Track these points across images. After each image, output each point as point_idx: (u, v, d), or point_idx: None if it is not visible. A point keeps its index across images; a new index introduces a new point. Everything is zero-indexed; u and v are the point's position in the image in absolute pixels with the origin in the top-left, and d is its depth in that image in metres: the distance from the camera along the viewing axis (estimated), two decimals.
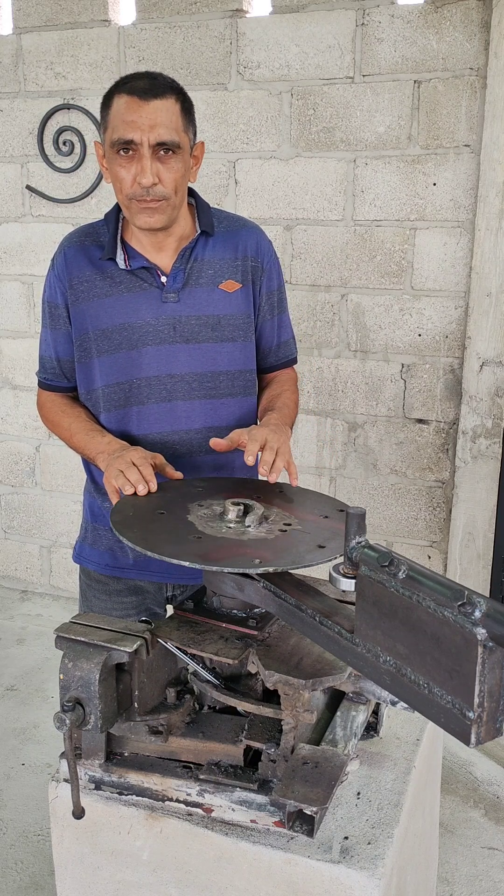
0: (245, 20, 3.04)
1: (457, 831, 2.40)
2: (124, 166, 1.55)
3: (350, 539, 1.03)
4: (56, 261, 1.73)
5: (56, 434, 1.80)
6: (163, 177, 1.55)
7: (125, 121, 1.52)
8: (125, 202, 1.60)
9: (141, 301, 1.66)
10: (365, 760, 1.31)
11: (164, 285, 1.66)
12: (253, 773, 1.20)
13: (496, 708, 0.84)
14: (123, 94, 1.54)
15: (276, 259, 1.79)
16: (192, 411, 1.71)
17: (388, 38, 2.85)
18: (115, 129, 1.54)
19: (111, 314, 1.67)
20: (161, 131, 1.52)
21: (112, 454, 1.54)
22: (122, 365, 1.68)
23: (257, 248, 1.73)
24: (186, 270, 1.67)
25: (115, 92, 1.57)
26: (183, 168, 1.58)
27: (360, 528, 1.03)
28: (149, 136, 1.52)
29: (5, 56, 3.41)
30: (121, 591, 1.81)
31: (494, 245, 2.79)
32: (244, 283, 1.71)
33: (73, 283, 1.69)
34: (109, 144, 1.57)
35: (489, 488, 2.95)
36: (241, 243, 1.72)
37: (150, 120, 1.52)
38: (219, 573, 1.24)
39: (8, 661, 3.34)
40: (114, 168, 1.58)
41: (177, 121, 1.55)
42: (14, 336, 3.68)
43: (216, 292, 1.68)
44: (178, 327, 1.67)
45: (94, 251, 1.69)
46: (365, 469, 3.20)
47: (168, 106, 1.54)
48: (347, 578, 1.04)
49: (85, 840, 1.26)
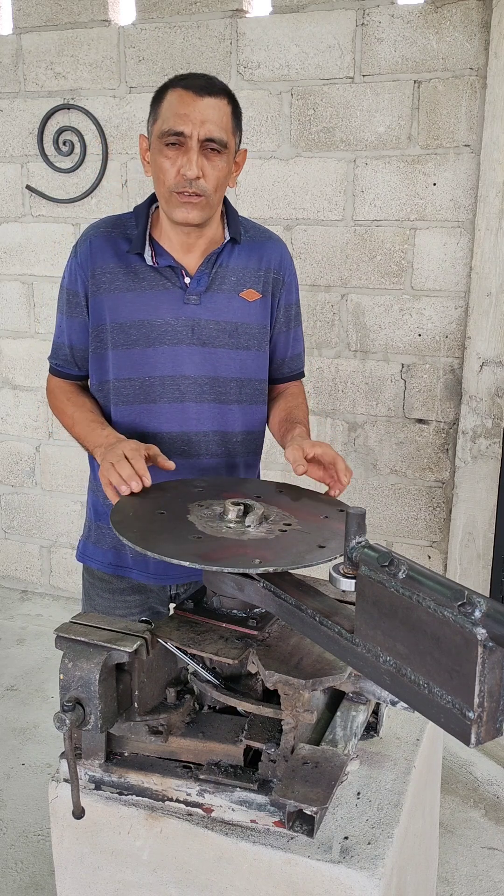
0: (245, 20, 3.04)
1: (457, 831, 2.40)
2: (170, 157, 1.56)
3: (350, 539, 1.03)
4: (80, 248, 1.72)
5: (60, 421, 1.80)
6: (207, 172, 1.56)
7: (177, 113, 1.54)
8: (165, 195, 1.60)
9: (162, 300, 1.67)
10: (365, 760, 1.31)
11: (188, 287, 1.67)
12: (253, 773, 1.20)
13: (496, 708, 0.83)
14: (179, 87, 1.56)
15: (295, 273, 1.82)
16: (202, 414, 1.71)
17: (388, 38, 2.85)
18: (166, 121, 1.55)
19: (131, 309, 1.67)
20: (211, 127, 1.54)
21: (108, 448, 1.55)
22: (135, 361, 1.68)
23: (280, 261, 1.76)
24: (211, 275, 1.68)
25: (169, 86, 1.58)
26: (227, 169, 1.60)
27: (361, 528, 1.03)
28: (199, 131, 1.54)
29: (5, 56, 3.41)
30: (124, 590, 1.81)
31: (494, 245, 2.79)
32: (264, 293, 1.73)
33: (96, 272, 1.68)
34: (158, 135, 1.57)
35: (489, 488, 2.95)
36: (266, 255, 1.74)
37: (202, 115, 1.54)
38: (219, 573, 1.24)
39: (8, 661, 3.34)
40: (158, 159, 1.58)
41: (227, 121, 1.58)
42: (14, 336, 3.68)
43: (236, 300, 1.70)
44: (196, 330, 1.67)
45: (121, 243, 1.69)
46: (365, 469, 3.20)
47: (220, 105, 1.56)
48: (347, 578, 1.04)
49: (85, 840, 1.26)
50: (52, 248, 3.50)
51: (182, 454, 1.71)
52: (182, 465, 1.70)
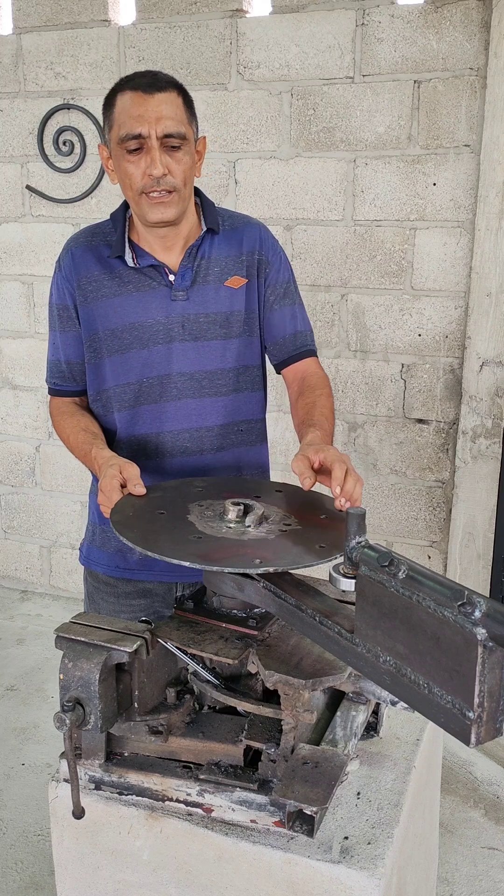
0: (245, 20, 3.04)
1: (457, 831, 2.40)
2: (133, 161, 1.56)
3: (350, 539, 1.03)
4: (63, 262, 1.72)
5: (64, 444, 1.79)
6: (172, 168, 1.56)
7: (131, 116, 1.53)
8: (135, 198, 1.60)
9: (150, 300, 1.66)
10: (365, 760, 1.31)
11: (173, 284, 1.67)
12: (253, 773, 1.20)
13: (496, 708, 0.84)
14: (127, 90, 1.55)
15: (280, 252, 1.78)
16: (203, 409, 1.71)
17: (388, 38, 2.85)
18: (122, 125, 1.55)
19: (120, 314, 1.67)
20: (168, 123, 1.54)
21: (99, 470, 1.53)
22: (132, 364, 1.68)
23: (260, 241, 1.74)
24: (194, 268, 1.67)
25: (117, 91, 1.57)
26: (190, 160, 1.59)
27: (360, 528, 1.03)
28: (156, 129, 1.53)
29: (5, 56, 3.41)
30: (129, 594, 1.80)
31: (494, 245, 2.79)
32: (249, 277, 1.71)
33: (82, 282, 1.68)
34: (117, 142, 1.57)
35: (489, 488, 2.95)
36: (246, 239, 1.72)
37: (157, 112, 1.53)
38: (219, 573, 1.24)
39: (8, 661, 3.34)
40: (122, 165, 1.58)
41: (181, 113, 1.57)
42: (14, 336, 3.68)
43: (223, 289, 1.69)
44: (187, 325, 1.67)
45: (103, 250, 1.69)
46: (365, 469, 3.20)
47: (172, 99, 1.55)
48: (347, 578, 1.05)
49: (85, 840, 1.26)
50: (53, 248, 3.50)
51: (186, 451, 1.71)
52: (188, 463, 1.70)
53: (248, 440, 1.79)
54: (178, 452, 1.71)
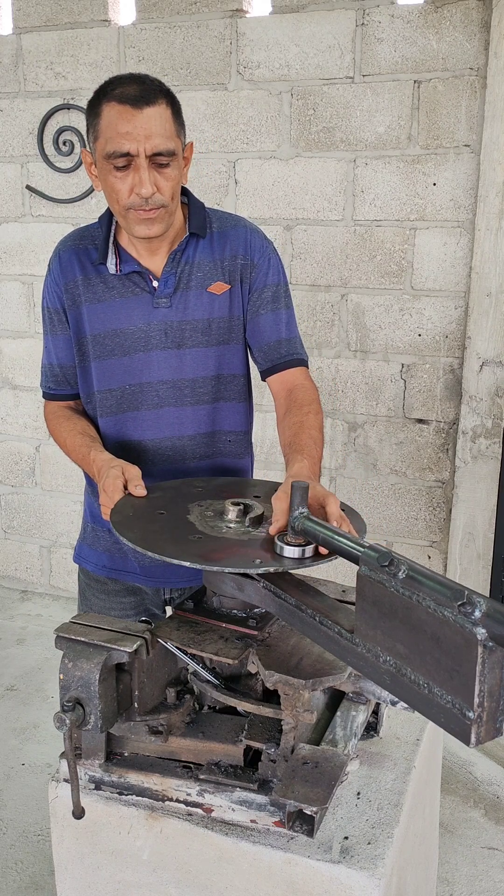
0: (245, 20, 3.04)
1: (457, 831, 2.40)
2: (120, 178, 1.51)
3: (294, 509, 1.17)
4: (52, 265, 1.72)
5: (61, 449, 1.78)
6: (160, 185, 1.51)
7: (119, 132, 1.47)
8: (121, 212, 1.56)
9: (133, 306, 1.64)
10: (365, 760, 1.31)
11: (156, 290, 1.64)
12: (253, 773, 1.20)
13: (496, 708, 0.84)
14: (114, 102, 1.48)
15: (270, 255, 1.70)
16: (183, 417, 1.69)
17: (387, 38, 2.85)
18: (109, 141, 1.48)
19: (104, 319, 1.65)
20: (157, 141, 1.47)
21: (98, 472, 1.53)
22: (114, 371, 1.67)
23: (246, 245, 1.68)
24: (177, 274, 1.64)
25: (103, 99, 1.50)
26: (178, 174, 1.55)
27: (303, 499, 1.17)
28: (145, 146, 1.47)
29: (5, 56, 3.41)
30: (119, 592, 1.81)
31: (494, 245, 2.79)
32: (231, 282, 1.66)
33: (69, 286, 1.67)
34: (103, 156, 1.50)
35: (489, 488, 2.95)
36: (230, 243, 1.67)
37: (146, 129, 1.47)
38: (219, 573, 1.24)
39: (8, 661, 3.34)
40: (108, 179, 1.52)
41: (170, 127, 1.51)
42: (14, 336, 3.68)
43: (205, 295, 1.65)
44: (169, 333, 1.65)
45: (91, 253, 1.67)
46: (365, 469, 3.20)
47: (160, 112, 1.48)
48: (290, 546, 1.18)
49: (85, 840, 1.26)
50: (52, 248, 3.49)
51: (168, 460, 1.69)
52: (170, 471, 1.68)
53: (232, 451, 1.76)
54: (160, 461, 1.69)
